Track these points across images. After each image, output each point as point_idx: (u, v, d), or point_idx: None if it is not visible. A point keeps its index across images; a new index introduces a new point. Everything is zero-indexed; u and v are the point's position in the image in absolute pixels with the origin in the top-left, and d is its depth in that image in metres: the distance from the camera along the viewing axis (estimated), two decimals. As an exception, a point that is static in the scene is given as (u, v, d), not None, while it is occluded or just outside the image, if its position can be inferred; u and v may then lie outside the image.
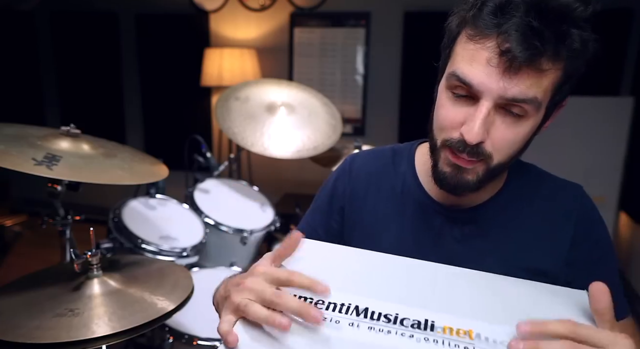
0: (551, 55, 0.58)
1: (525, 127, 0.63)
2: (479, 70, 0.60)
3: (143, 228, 1.64)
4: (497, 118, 0.62)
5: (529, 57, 0.56)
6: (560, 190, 0.77)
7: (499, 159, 0.64)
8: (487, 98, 0.60)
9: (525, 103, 0.60)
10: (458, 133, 0.63)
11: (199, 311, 1.38)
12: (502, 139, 0.62)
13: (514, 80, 0.58)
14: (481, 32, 0.60)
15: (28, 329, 0.84)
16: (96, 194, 2.64)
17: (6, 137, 1.09)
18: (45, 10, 3.81)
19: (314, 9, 3.26)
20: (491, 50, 0.59)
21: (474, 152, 0.62)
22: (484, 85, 0.59)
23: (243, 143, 1.91)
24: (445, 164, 0.67)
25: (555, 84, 0.61)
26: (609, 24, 2.73)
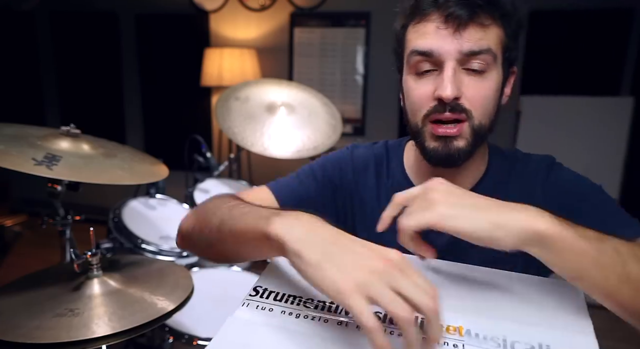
0: (488, 12, 0.66)
1: (490, 81, 0.69)
2: (433, 38, 0.67)
3: (143, 228, 1.64)
4: (463, 77, 0.67)
5: (470, 14, 0.65)
6: (531, 166, 0.79)
7: (479, 118, 0.69)
8: (448, 58, 0.66)
9: (482, 54, 0.66)
10: (433, 101, 0.68)
11: (199, 311, 1.38)
12: (475, 95, 0.68)
13: (465, 36, 0.66)
14: (424, 14, 0.68)
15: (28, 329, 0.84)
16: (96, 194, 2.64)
17: (6, 137, 1.09)
18: (45, 10, 3.81)
19: (314, 9, 3.26)
20: (437, 19, 0.67)
21: (455, 109, 0.67)
22: (442, 47, 0.66)
23: (243, 143, 1.91)
24: (432, 140, 0.70)
25: (501, 39, 0.69)
26: (609, 24, 2.73)
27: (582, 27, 2.78)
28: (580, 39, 2.78)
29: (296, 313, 0.52)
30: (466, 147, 0.69)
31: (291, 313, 0.52)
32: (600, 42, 2.76)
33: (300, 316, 0.52)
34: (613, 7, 2.70)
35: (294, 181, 0.84)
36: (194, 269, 1.69)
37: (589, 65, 2.79)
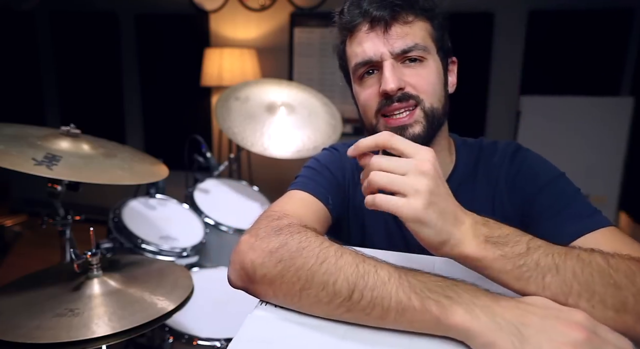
0: (409, 10, 0.71)
1: (430, 68, 0.73)
2: (365, 44, 0.72)
3: (143, 228, 1.64)
4: (404, 70, 0.72)
5: (392, 14, 0.70)
6: (496, 156, 0.81)
7: (429, 101, 0.73)
8: (383, 58, 0.71)
9: (413, 50, 0.71)
10: (380, 98, 0.73)
11: (199, 311, 1.39)
12: (419, 80, 0.72)
13: (392, 35, 0.71)
14: (354, 26, 0.74)
15: (28, 329, 0.84)
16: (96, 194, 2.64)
17: (6, 137, 1.09)
18: (45, 10, 3.81)
19: (314, 9, 3.26)
20: (364, 27, 0.73)
21: (402, 98, 0.71)
22: (375, 50, 0.71)
23: (243, 143, 1.91)
24: None
25: (429, 32, 0.74)
26: (609, 24, 2.73)
27: (582, 27, 2.77)
28: (580, 39, 2.78)
29: None
30: (423, 131, 0.72)
31: None
32: (600, 42, 2.75)
33: None
34: (613, 7, 2.70)
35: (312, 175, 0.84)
36: (194, 269, 1.69)
37: (589, 65, 2.78)
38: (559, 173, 0.76)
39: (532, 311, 0.46)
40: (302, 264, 0.54)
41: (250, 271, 0.58)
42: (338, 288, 0.51)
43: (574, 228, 0.66)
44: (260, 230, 0.61)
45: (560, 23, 2.81)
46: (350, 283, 0.51)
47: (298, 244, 0.56)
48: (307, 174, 0.85)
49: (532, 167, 0.77)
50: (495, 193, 0.78)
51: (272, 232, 0.60)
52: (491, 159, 0.81)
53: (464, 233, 0.52)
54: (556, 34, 2.83)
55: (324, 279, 0.52)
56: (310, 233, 0.59)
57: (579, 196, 0.72)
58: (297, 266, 0.54)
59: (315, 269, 0.53)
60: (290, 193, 0.79)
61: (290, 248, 0.56)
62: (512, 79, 2.95)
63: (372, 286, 0.50)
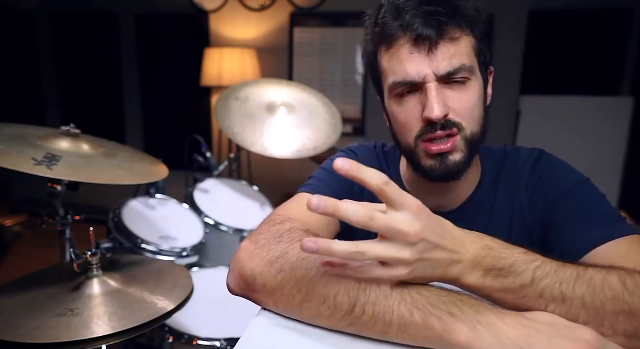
0: (455, 25, 0.66)
1: (473, 90, 0.69)
2: (409, 65, 0.66)
3: (143, 228, 1.64)
4: (447, 92, 0.67)
5: (438, 33, 0.64)
6: (519, 163, 0.79)
7: (470, 128, 0.69)
8: (428, 81, 0.66)
9: (459, 73, 0.66)
10: (422, 122, 0.68)
11: (199, 311, 1.38)
12: (461, 106, 0.68)
13: (439, 56, 0.65)
14: (392, 39, 0.67)
15: (28, 329, 0.84)
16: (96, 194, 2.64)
17: (6, 137, 1.09)
18: (45, 10, 3.81)
19: (314, 9, 3.26)
20: (407, 44, 0.66)
21: (446, 126, 0.67)
22: (420, 73, 0.66)
23: (243, 143, 1.91)
24: (428, 158, 0.70)
25: (474, 47, 0.69)
26: (609, 24, 2.73)
27: (582, 27, 2.77)
28: (580, 39, 2.78)
29: None
30: (463, 159, 0.69)
31: None
32: (600, 42, 2.75)
33: None
34: (613, 7, 2.70)
35: (322, 183, 0.81)
36: (194, 269, 1.69)
37: (589, 65, 2.78)
38: (583, 179, 0.73)
39: (538, 329, 0.45)
40: (303, 276, 0.52)
41: (249, 280, 0.56)
42: (339, 302, 0.50)
43: (596, 235, 0.64)
44: (260, 236, 0.60)
45: (560, 23, 2.81)
46: (351, 297, 0.49)
47: (299, 253, 0.55)
48: (319, 176, 0.82)
49: (554, 173, 0.75)
50: (516, 199, 0.76)
51: (272, 239, 0.59)
52: (514, 166, 0.79)
53: (461, 270, 0.51)
54: (556, 34, 2.83)
55: (325, 293, 0.50)
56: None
57: (603, 201, 0.70)
58: (298, 278, 0.53)
59: (315, 281, 0.51)
60: (298, 196, 0.76)
61: (291, 258, 0.55)
62: (512, 79, 2.95)
63: (374, 301, 0.49)
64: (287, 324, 0.52)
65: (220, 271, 1.69)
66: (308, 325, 0.52)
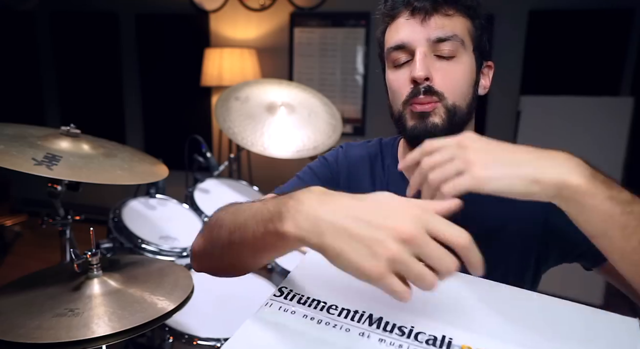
0: (451, 4, 0.71)
1: (460, 65, 0.73)
2: (402, 30, 0.73)
3: (143, 228, 1.64)
4: (434, 62, 0.72)
5: (432, 6, 0.71)
6: None
7: (452, 99, 0.73)
8: (418, 45, 0.71)
9: (449, 40, 0.71)
10: (410, 86, 0.73)
11: (199, 311, 1.38)
12: (445, 77, 0.72)
13: (431, 24, 0.71)
14: (395, 14, 0.74)
15: (28, 329, 0.84)
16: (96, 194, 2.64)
17: (6, 137, 1.09)
18: (45, 10, 3.81)
19: (314, 9, 3.26)
20: (404, 14, 0.73)
21: (427, 91, 0.72)
22: (411, 36, 0.72)
23: (243, 143, 1.91)
24: (411, 118, 0.74)
25: (467, 28, 0.74)
26: (609, 24, 2.73)
27: (582, 27, 2.78)
28: (580, 39, 2.78)
29: (318, 319, 0.51)
30: (441, 123, 0.72)
31: (313, 318, 0.51)
32: (600, 42, 2.75)
33: (322, 322, 0.51)
34: (613, 7, 2.70)
35: (296, 182, 0.87)
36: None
37: (589, 65, 2.79)
38: None
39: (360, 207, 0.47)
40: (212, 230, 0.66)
41: (193, 252, 0.74)
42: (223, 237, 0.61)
43: None
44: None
45: (560, 23, 2.81)
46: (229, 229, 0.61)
47: (215, 216, 0.69)
48: (301, 175, 0.88)
49: None
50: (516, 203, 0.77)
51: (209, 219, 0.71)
52: None
53: (568, 167, 0.51)
54: (556, 34, 2.83)
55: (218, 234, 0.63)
56: (229, 206, 0.70)
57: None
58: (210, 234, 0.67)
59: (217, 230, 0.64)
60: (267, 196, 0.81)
61: (210, 222, 0.69)
62: (512, 79, 2.95)
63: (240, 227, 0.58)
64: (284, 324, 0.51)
65: (220, 271, 1.69)
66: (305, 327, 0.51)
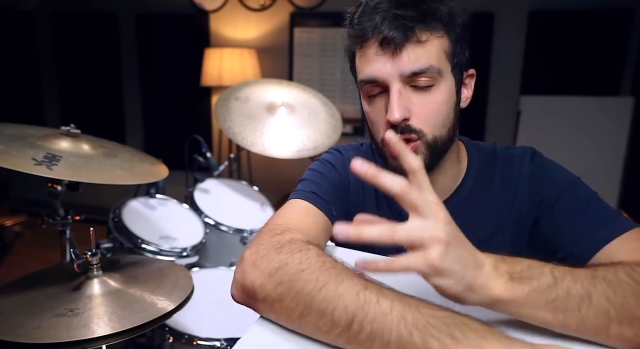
0: (424, 28, 0.66)
1: (439, 94, 0.69)
2: (374, 64, 0.68)
3: (143, 228, 1.64)
4: (412, 96, 0.69)
5: (403, 36, 0.65)
6: (514, 160, 0.79)
7: (432, 133, 0.70)
8: (392, 81, 0.67)
9: (425, 73, 0.67)
10: (387, 125, 0.70)
11: (199, 311, 1.38)
12: (423, 112, 0.69)
13: (403, 58, 0.66)
14: (363, 39, 0.69)
15: (28, 329, 0.84)
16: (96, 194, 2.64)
17: (6, 137, 1.09)
18: (45, 10, 3.81)
19: (314, 9, 3.26)
20: (374, 45, 0.68)
21: (405, 130, 0.69)
22: (383, 72, 0.68)
23: (243, 143, 1.91)
24: (392, 157, 0.70)
25: (444, 49, 0.69)
26: (609, 24, 2.73)
27: (582, 27, 2.77)
28: (580, 39, 2.78)
29: None
30: (425, 161, 0.70)
31: None
32: (600, 42, 2.75)
33: None
34: (613, 7, 2.70)
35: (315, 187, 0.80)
36: (194, 269, 1.69)
37: (589, 65, 2.78)
38: (575, 179, 0.74)
39: None
40: (301, 289, 0.52)
41: (250, 291, 0.57)
42: (337, 317, 0.48)
43: (599, 235, 0.65)
44: (261, 247, 0.60)
45: (560, 23, 2.81)
46: (349, 313, 0.48)
47: (298, 265, 0.55)
48: (310, 177, 0.82)
49: (548, 174, 0.75)
50: (514, 202, 0.76)
51: (272, 250, 0.58)
52: (508, 167, 0.79)
53: (486, 275, 0.49)
54: (556, 34, 2.83)
55: (323, 307, 0.49)
56: (312, 252, 0.57)
57: (597, 200, 0.71)
58: (296, 290, 0.52)
59: (314, 294, 0.51)
60: (293, 203, 0.76)
61: (290, 270, 0.54)
62: (512, 79, 2.95)
63: (372, 319, 0.47)
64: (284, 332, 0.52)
65: (220, 271, 1.69)
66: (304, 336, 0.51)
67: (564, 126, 2.65)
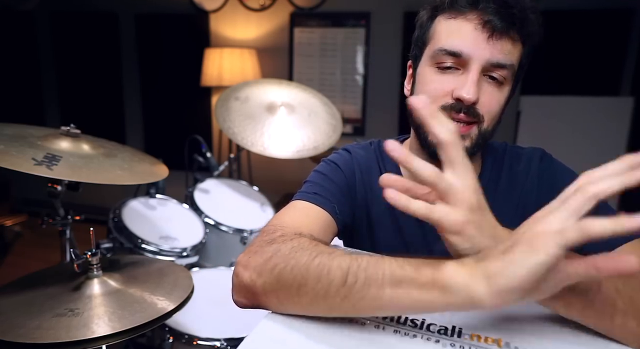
0: (519, 28, 0.68)
1: (505, 92, 0.72)
2: (467, 38, 0.67)
3: (143, 228, 1.64)
4: (483, 84, 0.69)
5: (506, 27, 0.66)
6: (523, 160, 0.80)
7: (488, 123, 0.72)
8: (476, 62, 0.67)
9: (506, 68, 0.68)
10: (451, 99, 0.69)
11: (199, 311, 1.38)
12: (490, 102, 0.70)
13: (497, 46, 0.67)
14: (460, 12, 0.68)
15: (28, 329, 0.84)
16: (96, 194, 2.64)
17: (6, 137, 1.09)
18: (45, 10, 3.81)
19: (314, 9, 3.26)
20: (475, 21, 0.67)
21: (470, 113, 0.69)
22: (474, 50, 0.67)
23: (243, 143, 1.91)
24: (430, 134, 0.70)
25: (521, 56, 0.71)
26: (609, 24, 2.73)
27: (582, 27, 2.77)
28: (580, 39, 2.78)
29: None
30: (471, 147, 0.71)
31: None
32: (600, 42, 2.75)
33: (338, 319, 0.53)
34: (613, 7, 2.70)
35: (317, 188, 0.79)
36: (194, 269, 1.69)
37: (589, 65, 2.78)
38: None
39: None
40: (296, 262, 0.53)
41: (250, 285, 0.57)
42: (332, 275, 0.50)
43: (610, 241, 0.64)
44: (252, 246, 0.61)
45: (560, 23, 2.81)
46: (343, 268, 0.50)
47: (290, 248, 0.56)
48: (315, 179, 0.81)
49: (556, 178, 0.76)
50: (519, 202, 0.77)
51: (264, 244, 0.59)
52: (516, 166, 0.80)
53: (500, 247, 0.48)
54: (556, 34, 2.83)
55: (318, 271, 0.51)
56: (304, 239, 0.58)
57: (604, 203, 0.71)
58: (292, 265, 0.53)
59: (308, 263, 0.52)
60: (293, 204, 0.76)
61: (283, 252, 0.56)
62: (512, 79, 2.95)
63: (365, 266, 0.49)
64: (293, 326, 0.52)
65: (220, 271, 1.69)
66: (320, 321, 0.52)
67: (564, 126, 2.65)
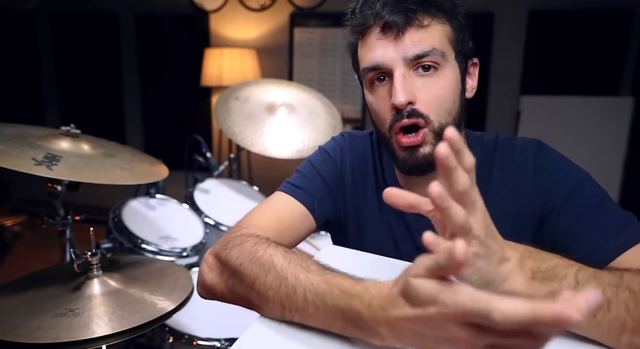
0: (424, 13, 0.66)
1: (443, 79, 0.68)
2: (376, 50, 0.68)
3: (143, 228, 1.64)
4: (416, 81, 0.68)
5: (405, 19, 0.65)
6: (512, 151, 0.77)
7: (439, 120, 0.68)
8: (395, 66, 0.67)
9: (428, 55, 0.66)
10: (392, 111, 0.69)
11: (199, 311, 1.38)
12: (428, 97, 0.68)
13: (406, 41, 0.66)
14: (365, 27, 0.69)
15: (28, 329, 0.84)
16: (96, 194, 2.64)
17: (6, 137, 1.09)
18: (45, 10, 3.81)
19: (314, 9, 3.26)
20: (375, 31, 0.68)
21: (412, 114, 0.67)
22: (386, 57, 0.67)
23: (243, 143, 1.91)
24: (400, 150, 0.70)
25: (447, 35, 0.68)
26: (609, 24, 2.73)
27: (582, 27, 2.77)
28: (580, 39, 2.78)
29: None
30: (432, 150, 0.68)
31: None
32: (600, 42, 2.75)
33: None
34: (613, 7, 2.70)
35: (302, 180, 0.83)
36: (194, 269, 1.69)
37: (589, 65, 2.78)
38: (585, 176, 0.70)
39: None
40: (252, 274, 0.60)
41: (210, 287, 0.69)
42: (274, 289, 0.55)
43: (615, 242, 0.62)
44: (216, 246, 0.69)
45: (560, 23, 2.81)
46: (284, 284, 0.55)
47: (237, 254, 0.63)
48: (304, 170, 0.85)
49: (554, 171, 0.72)
50: (514, 197, 0.73)
51: (222, 248, 0.67)
52: (509, 159, 0.76)
53: (509, 270, 0.49)
54: (556, 34, 2.83)
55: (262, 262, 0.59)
56: (260, 239, 0.64)
57: (607, 201, 0.68)
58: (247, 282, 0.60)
59: (256, 258, 0.61)
60: (272, 197, 0.81)
61: (234, 261, 0.63)
62: (512, 79, 2.95)
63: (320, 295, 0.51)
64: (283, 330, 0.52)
65: (220, 271, 1.69)
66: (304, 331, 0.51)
67: (564, 126, 2.65)
